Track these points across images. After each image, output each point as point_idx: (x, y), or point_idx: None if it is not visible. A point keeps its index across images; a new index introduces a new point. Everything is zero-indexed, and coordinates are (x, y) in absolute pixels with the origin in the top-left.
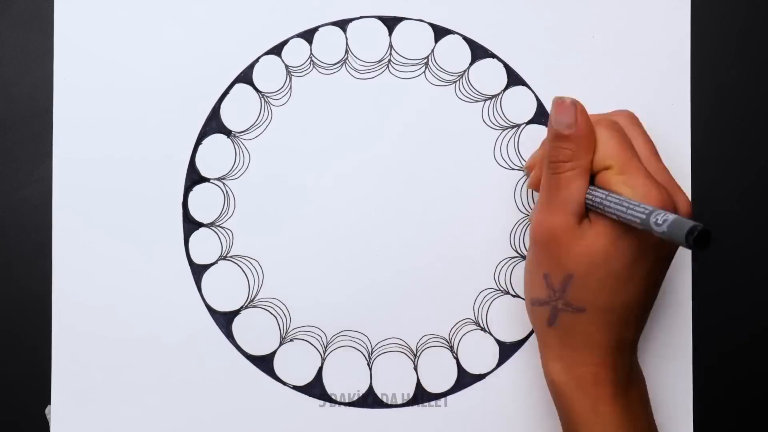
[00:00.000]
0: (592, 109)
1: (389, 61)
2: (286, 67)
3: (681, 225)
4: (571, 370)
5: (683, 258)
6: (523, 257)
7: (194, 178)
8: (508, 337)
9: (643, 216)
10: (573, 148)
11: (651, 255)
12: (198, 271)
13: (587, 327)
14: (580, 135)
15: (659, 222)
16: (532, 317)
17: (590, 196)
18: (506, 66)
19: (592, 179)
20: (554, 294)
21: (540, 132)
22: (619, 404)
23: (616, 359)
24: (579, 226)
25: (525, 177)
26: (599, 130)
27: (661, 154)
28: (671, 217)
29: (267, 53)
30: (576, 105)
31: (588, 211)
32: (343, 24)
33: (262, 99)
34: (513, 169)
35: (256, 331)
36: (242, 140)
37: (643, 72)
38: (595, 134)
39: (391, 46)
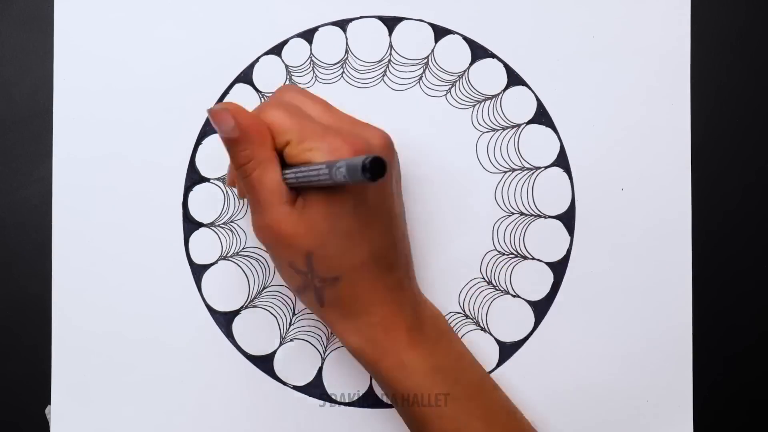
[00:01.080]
0: (594, 109)
1: (389, 61)
2: (286, 67)
3: (354, 165)
4: (362, 335)
5: (683, 258)
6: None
7: (194, 178)
8: (508, 337)
9: (327, 172)
10: (246, 146)
11: (369, 197)
12: (198, 271)
13: (351, 291)
14: (247, 131)
15: (338, 173)
16: (307, 306)
17: (285, 177)
18: (506, 66)
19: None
20: (306, 277)
21: (540, 132)
22: (420, 345)
23: (396, 307)
24: (292, 209)
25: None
26: (265, 115)
27: (661, 154)
28: (343, 162)
29: (267, 53)
30: (228, 108)
31: (297, 192)
32: (343, 24)
33: (262, 99)
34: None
35: (256, 331)
36: None
37: (643, 72)
38: (263, 123)
39: (391, 46)
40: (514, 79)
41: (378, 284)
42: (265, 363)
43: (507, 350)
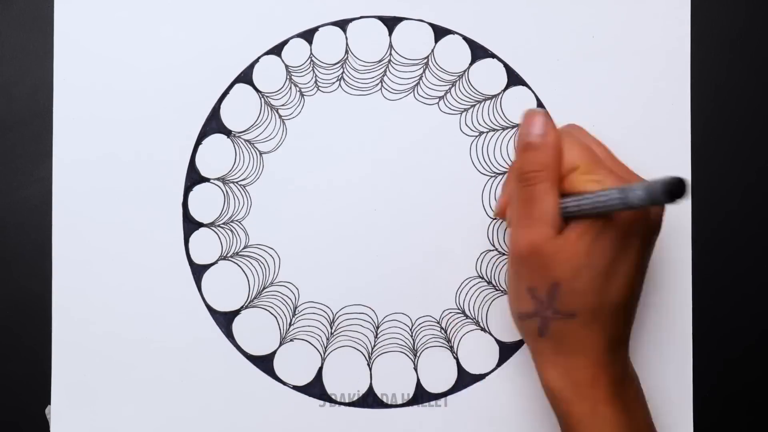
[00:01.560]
0: (594, 109)
1: (389, 61)
2: (286, 67)
3: (654, 184)
4: (567, 376)
5: (683, 258)
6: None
7: (194, 178)
8: (508, 337)
9: (620, 195)
10: (544, 157)
11: (632, 246)
12: (198, 271)
13: (579, 331)
14: (550, 143)
15: (636, 190)
16: (522, 330)
17: (564, 204)
18: (506, 66)
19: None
20: (542, 305)
21: None
22: (618, 403)
23: (611, 359)
24: (559, 235)
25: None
26: (561, 139)
27: (661, 154)
28: (643, 183)
29: (267, 53)
30: (545, 115)
31: (563, 219)
32: (343, 24)
33: (262, 99)
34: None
35: (256, 331)
36: (242, 140)
37: (643, 72)
38: (561, 145)
39: (391, 46)
40: (514, 79)
41: (606, 332)
42: (265, 363)
43: (507, 350)
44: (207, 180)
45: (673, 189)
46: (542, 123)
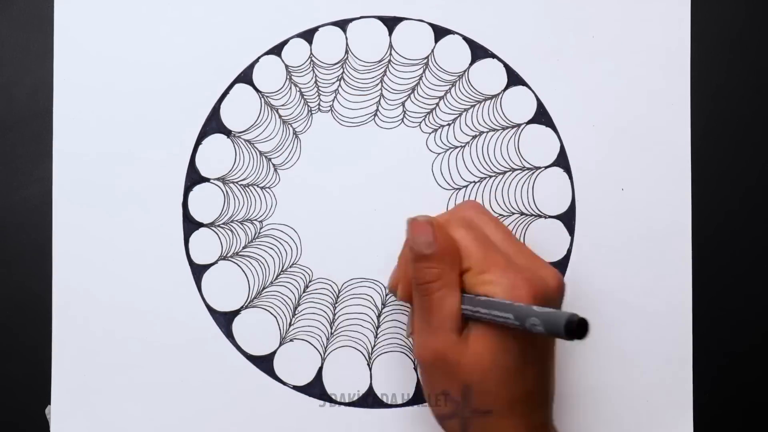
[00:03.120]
0: (594, 109)
1: (389, 61)
2: (286, 67)
3: (556, 322)
4: None
5: (683, 258)
6: None
7: (194, 178)
8: None
9: (516, 321)
10: (437, 265)
11: (539, 341)
12: (198, 271)
13: (499, 425)
14: (442, 251)
15: (534, 323)
16: (446, 430)
17: (467, 312)
18: (506, 66)
19: None
20: (458, 406)
21: (540, 132)
22: None
23: None
24: (461, 338)
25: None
26: (452, 233)
27: (661, 154)
28: (543, 315)
29: (267, 53)
30: (431, 222)
31: (467, 319)
32: (343, 24)
33: (262, 99)
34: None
35: (256, 331)
36: (242, 140)
37: (643, 72)
38: (457, 247)
39: (391, 46)
40: (514, 79)
41: (527, 421)
42: (265, 363)
43: None
44: (207, 180)
45: (573, 329)
46: (430, 231)
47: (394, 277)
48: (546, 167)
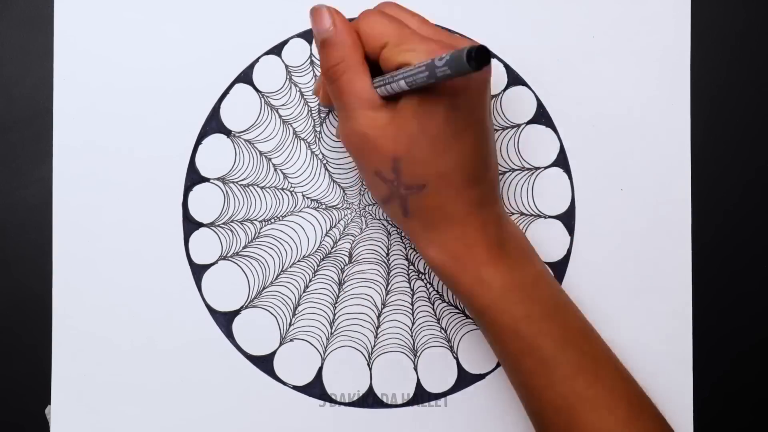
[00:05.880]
0: (594, 109)
1: None
2: (286, 67)
3: (459, 55)
4: (444, 250)
5: (683, 258)
6: None
7: (194, 178)
8: None
9: (426, 70)
10: (339, 48)
11: (464, 108)
12: (198, 271)
13: (436, 200)
14: (342, 33)
15: (440, 64)
16: (390, 217)
17: (379, 85)
18: (506, 66)
19: (378, 71)
20: (392, 184)
21: (540, 132)
22: (500, 262)
23: (480, 221)
24: (381, 113)
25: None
26: (363, 20)
27: (661, 154)
28: (448, 59)
29: (267, 53)
30: (328, 8)
31: (385, 99)
32: None
33: (262, 99)
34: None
35: (256, 331)
36: (242, 140)
37: (643, 72)
38: (356, 30)
39: None
40: (514, 79)
41: (463, 196)
42: (265, 363)
43: None
44: (207, 180)
45: (476, 57)
46: (326, 15)
47: (317, 84)
48: (546, 167)
